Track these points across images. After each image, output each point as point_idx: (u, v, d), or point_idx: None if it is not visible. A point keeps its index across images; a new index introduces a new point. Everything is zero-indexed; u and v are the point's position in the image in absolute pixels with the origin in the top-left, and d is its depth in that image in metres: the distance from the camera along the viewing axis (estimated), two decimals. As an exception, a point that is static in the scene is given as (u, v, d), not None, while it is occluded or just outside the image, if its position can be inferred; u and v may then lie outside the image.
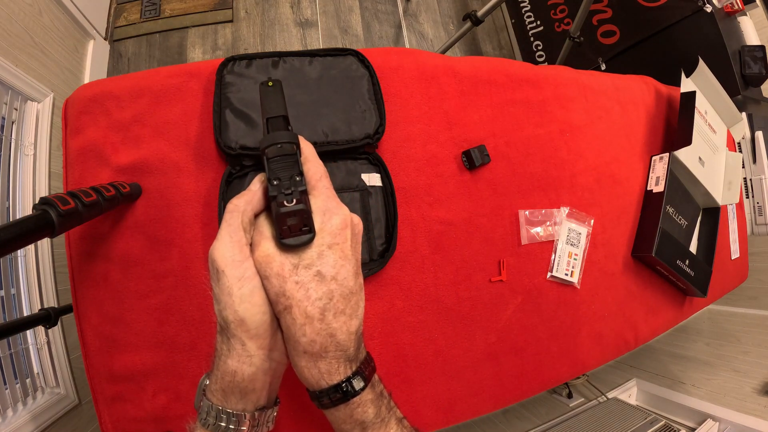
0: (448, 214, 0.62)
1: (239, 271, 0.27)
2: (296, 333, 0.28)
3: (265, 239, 0.28)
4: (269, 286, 0.27)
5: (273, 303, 0.28)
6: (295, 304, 0.27)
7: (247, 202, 0.29)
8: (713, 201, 0.94)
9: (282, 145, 0.30)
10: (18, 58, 1.00)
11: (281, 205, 0.28)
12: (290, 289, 0.27)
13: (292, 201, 0.28)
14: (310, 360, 0.28)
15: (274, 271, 0.27)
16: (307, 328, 0.27)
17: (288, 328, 0.28)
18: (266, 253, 0.28)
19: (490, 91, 0.69)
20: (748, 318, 1.35)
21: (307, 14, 1.71)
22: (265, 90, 0.34)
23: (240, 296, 0.26)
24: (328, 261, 0.28)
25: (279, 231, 0.28)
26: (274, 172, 0.29)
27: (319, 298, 0.28)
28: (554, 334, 0.69)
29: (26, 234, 0.32)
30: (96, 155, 0.50)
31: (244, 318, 0.27)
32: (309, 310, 0.27)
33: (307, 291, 0.27)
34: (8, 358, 0.86)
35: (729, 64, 1.22)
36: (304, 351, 0.28)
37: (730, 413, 0.96)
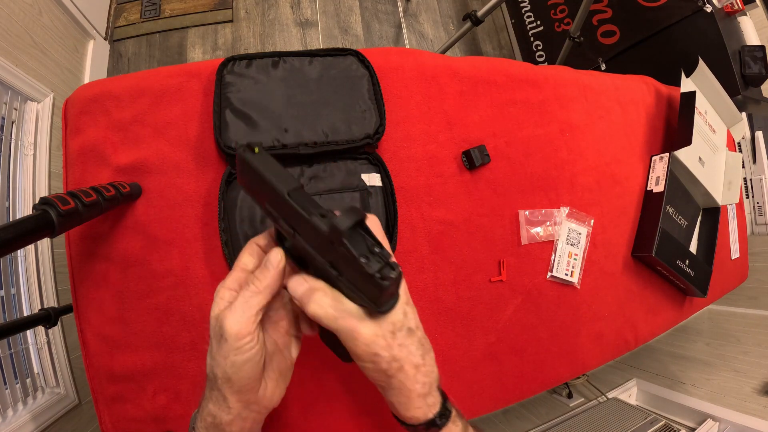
0: (448, 214, 0.62)
1: (240, 343, 0.29)
2: (412, 385, 0.32)
3: (358, 322, 0.30)
4: (379, 360, 0.31)
5: (386, 369, 0.31)
6: (405, 362, 0.31)
7: (268, 288, 0.30)
8: (713, 201, 0.94)
9: (357, 223, 0.29)
10: (18, 58, 1.00)
11: (386, 279, 0.28)
12: (397, 354, 0.31)
13: (392, 272, 0.28)
14: (422, 400, 0.33)
15: (382, 347, 0.30)
16: (419, 376, 0.32)
17: (402, 383, 0.32)
18: (368, 339, 0.30)
19: (490, 91, 0.69)
20: (748, 318, 1.35)
21: (307, 14, 1.71)
22: (257, 159, 0.30)
23: (233, 362, 0.29)
24: (410, 316, 0.33)
25: (379, 302, 0.30)
26: (359, 250, 0.28)
27: (417, 349, 0.32)
28: (554, 334, 0.69)
29: (26, 234, 0.32)
30: (96, 155, 0.50)
31: (231, 378, 0.30)
32: (415, 361, 0.32)
33: (408, 348, 0.32)
34: (8, 358, 0.86)
35: (729, 64, 1.22)
36: (419, 395, 0.33)
37: (730, 413, 0.96)
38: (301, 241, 0.30)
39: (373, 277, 0.28)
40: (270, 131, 0.52)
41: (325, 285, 0.31)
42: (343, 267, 0.30)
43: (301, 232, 0.30)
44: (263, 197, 0.31)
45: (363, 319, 0.30)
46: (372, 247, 0.29)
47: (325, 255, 0.30)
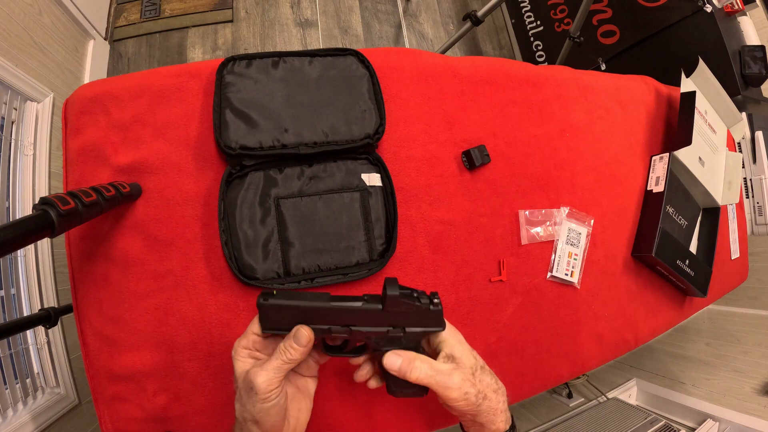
0: (448, 214, 0.62)
1: (267, 395, 0.35)
2: (496, 405, 0.41)
3: (448, 376, 0.39)
4: (469, 396, 0.40)
5: (474, 401, 0.40)
6: (487, 390, 0.41)
7: (297, 360, 0.37)
8: (713, 201, 0.94)
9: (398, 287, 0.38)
10: (18, 58, 1.00)
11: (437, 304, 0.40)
12: (480, 388, 0.41)
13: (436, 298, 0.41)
14: (503, 414, 0.42)
15: (469, 386, 0.40)
16: (498, 397, 0.42)
17: (489, 406, 0.41)
18: (459, 385, 0.39)
19: (490, 91, 0.69)
20: (748, 318, 1.35)
21: (307, 14, 1.71)
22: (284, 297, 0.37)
23: (260, 409, 0.35)
24: (478, 357, 0.43)
25: (442, 321, 0.41)
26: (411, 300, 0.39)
27: (491, 378, 0.43)
28: (554, 334, 0.69)
29: (26, 234, 0.32)
30: (96, 155, 0.50)
31: (259, 421, 0.36)
32: (493, 387, 0.42)
33: (485, 381, 0.42)
34: (8, 358, 0.86)
35: (729, 64, 1.22)
36: (501, 411, 0.42)
37: (730, 413, 0.96)
38: (358, 332, 0.38)
39: (429, 309, 0.39)
40: (270, 131, 0.52)
41: (416, 354, 0.40)
42: (402, 321, 0.39)
43: (356, 323, 0.38)
44: (306, 321, 0.37)
45: (451, 372, 0.40)
46: (412, 293, 0.39)
47: (384, 324, 0.39)
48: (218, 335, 0.50)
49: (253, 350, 0.38)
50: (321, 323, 0.37)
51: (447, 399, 0.39)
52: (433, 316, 0.40)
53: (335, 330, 0.38)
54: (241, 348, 0.38)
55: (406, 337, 0.40)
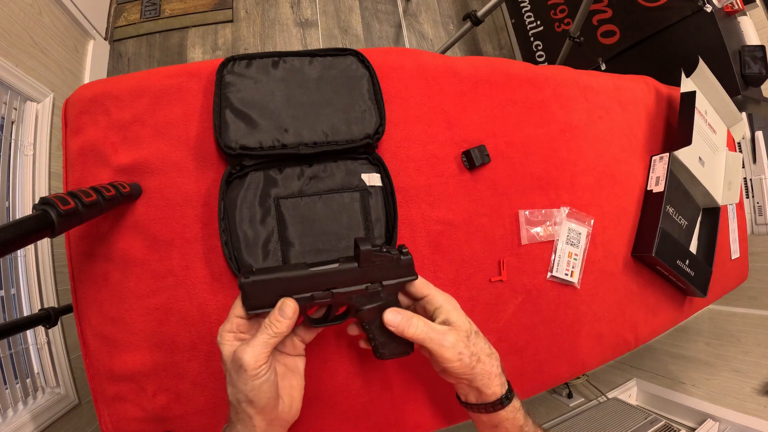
0: (448, 214, 0.62)
1: (256, 371, 0.35)
2: (490, 368, 0.43)
3: (443, 335, 0.41)
4: (463, 357, 0.41)
5: (468, 363, 0.41)
6: (481, 354, 0.43)
7: (283, 333, 0.37)
8: (713, 201, 0.94)
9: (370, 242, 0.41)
10: (18, 58, 1.00)
11: (407, 254, 0.43)
12: (474, 350, 0.42)
13: (404, 248, 0.44)
14: (498, 378, 0.43)
15: (463, 347, 0.41)
16: (492, 361, 0.44)
17: (483, 369, 0.42)
18: (453, 344, 0.41)
19: (490, 91, 0.69)
20: (748, 318, 1.35)
21: (307, 14, 1.71)
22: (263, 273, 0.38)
23: (252, 386, 0.35)
24: (473, 324, 0.45)
25: (414, 271, 0.43)
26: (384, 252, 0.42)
27: (485, 343, 0.45)
28: (554, 334, 0.69)
29: (26, 234, 0.32)
30: (96, 155, 0.50)
31: (253, 399, 0.36)
32: (487, 351, 0.44)
33: (479, 344, 0.43)
34: (8, 358, 0.86)
35: (729, 64, 1.22)
36: (496, 375, 0.43)
37: (730, 413, 0.96)
38: (340, 293, 0.40)
39: (400, 259, 0.42)
40: (270, 131, 0.52)
41: (414, 313, 0.42)
42: (378, 275, 0.41)
43: (337, 285, 0.39)
44: (288, 293, 0.38)
45: (446, 332, 0.41)
46: (382, 248, 0.41)
47: (362, 281, 0.40)
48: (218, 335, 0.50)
49: (237, 333, 0.38)
50: (303, 292, 0.38)
51: (442, 359, 0.41)
52: (405, 266, 0.42)
53: (318, 296, 0.39)
54: (225, 332, 0.38)
55: (385, 290, 0.42)
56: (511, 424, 0.44)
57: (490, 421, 0.44)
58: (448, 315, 0.43)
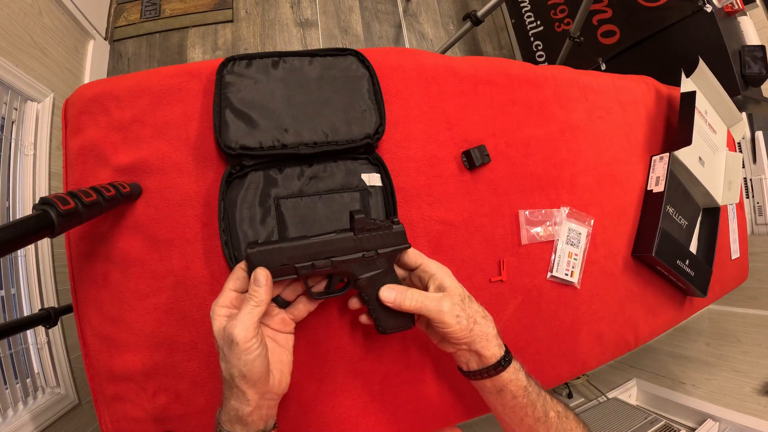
0: (448, 214, 0.62)
1: (248, 345, 0.36)
2: (487, 329, 0.45)
3: (439, 302, 0.42)
4: (460, 319, 0.43)
5: (466, 325, 0.43)
6: (477, 316, 0.44)
7: (264, 301, 0.38)
8: (713, 201, 0.94)
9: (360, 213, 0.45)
10: (18, 58, 1.00)
11: (398, 223, 0.46)
12: (470, 313, 0.44)
13: (395, 218, 0.48)
14: (496, 340, 0.45)
15: (460, 310, 0.43)
16: (488, 323, 0.45)
17: (481, 329, 0.44)
18: (450, 308, 0.42)
19: (490, 91, 0.69)
20: (748, 318, 1.35)
21: (307, 14, 1.71)
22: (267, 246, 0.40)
23: (245, 361, 0.36)
24: (465, 290, 0.46)
25: (406, 239, 0.46)
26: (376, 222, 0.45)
27: (479, 307, 0.46)
28: (554, 334, 0.69)
29: (26, 234, 0.32)
30: (96, 155, 0.50)
31: (246, 374, 0.36)
32: (482, 314, 0.46)
33: (474, 307, 0.45)
34: (8, 358, 0.86)
35: (729, 64, 1.22)
36: (494, 336, 0.45)
37: (730, 413, 0.96)
38: (339, 261, 0.42)
39: (392, 228, 0.45)
40: (270, 131, 0.52)
41: (407, 287, 0.44)
42: (373, 244, 0.44)
43: (335, 253, 0.42)
44: (291, 264, 0.41)
45: (441, 298, 0.43)
46: (375, 219, 0.45)
47: (358, 249, 0.43)
48: (218, 335, 0.50)
49: (231, 307, 0.39)
50: (304, 261, 0.41)
51: (441, 324, 0.42)
52: (397, 235, 0.45)
53: (319, 264, 0.42)
54: (218, 307, 0.39)
55: (381, 258, 0.44)
56: (515, 385, 0.45)
57: (494, 386, 0.45)
58: (442, 281, 0.44)
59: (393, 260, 0.45)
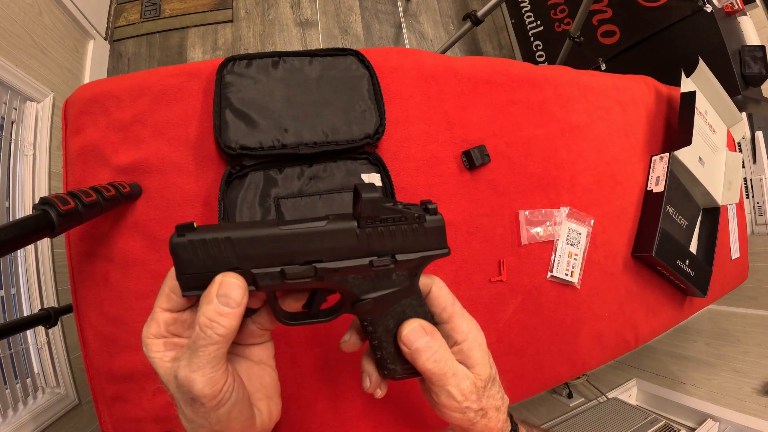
0: (448, 214, 0.62)
1: (217, 400, 0.25)
2: (494, 425, 0.33)
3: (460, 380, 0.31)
4: (468, 411, 0.31)
5: (472, 418, 0.32)
6: (489, 409, 0.33)
7: (232, 332, 0.25)
8: (713, 201, 0.94)
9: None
10: (18, 58, 1.00)
11: (433, 211, 0.29)
12: (485, 404, 0.32)
13: (431, 204, 0.30)
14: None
15: (473, 401, 0.31)
16: (499, 416, 0.34)
17: (485, 425, 0.32)
18: (465, 394, 0.31)
19: (490, 91, 0.69)
20: (748, 318, 1.35)
21: (307, 14, 1.71)
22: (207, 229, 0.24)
23: (218, 418, 0.25)
24: (494, 365, 0.34)
25: (444, 241, 0.29)
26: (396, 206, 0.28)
27: (498, 392, 0.34)
28: (554, 334, 0.69)
29: (26, 234, 0.32)
30: (96, 155, 0.50)
31: (222, 431, 0.26)
32: (497, 405, 0.33)
33: (494, 396, 0.33)
34: (8, 358, 0.86)
35: (729, 64, 1.22)
36: (498, 429, 0.33)
37: (730, 413, 0.96)
38: (328, 271, 0.26)
39: (424, 219, 0.26)
40: (270, 131, 0.52)
41: (440, 336, 0.31)
42: (388, 245, 0.26)
43: (323, 256, 0.25)
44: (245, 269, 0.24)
45: (464, 377, 0.31)
46: (396, 205, 0.26)
47: (363, 252, 0.26)
48: (218, 335, 0.50)
49: (170, 336, 0.26)
50: (269, 264, 0.24)
51: (441, 404, 0.31)
52: (432, 233, 0.27)
53: (292, 273, 0.24)
54: (151, 338, 0.26)
55: (399, 268, 0.27)
56: None
57: None
58: (470, 353, 0.32)
59: (419, 274, 0.29)
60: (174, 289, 0.26)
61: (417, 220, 0.27)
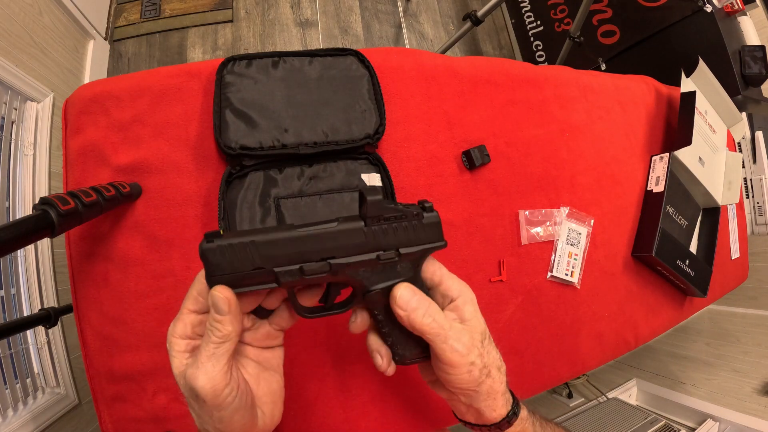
0: (448, 214, 0.62)
1: (219, 400, 0.26)
2: (498, 386, 0.34)
3: (456, 333, 0.32)
4: (473, 368, 0.32)
5: (477, 377, 0.32)
6: (492, 366, 0.34)
7: (234, 332, 0.27)
8: (713, 201, 0.94)
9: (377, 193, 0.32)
10: (18, 58, 1.00)
11: (430, 209, 0.34)
12: (487, 361, 0.33)
13: (427, 202, 0.34)
14: (503, 397, 0.35)
15: (477, 355, 0.32)
16: (501, 376, 0.34)
17: (491, 386, 0.33)
18: (466, 349, 0.32)
19: (490, 91, 0.69)
20: (748, 318, 1.35)
21: (307, 14, 1.71)
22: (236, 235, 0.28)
23: (220, 418, 0.27)
24: (482, 318, 0.34)
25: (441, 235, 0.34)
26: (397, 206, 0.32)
27: (497, 352, 0.35)
28: (554, 334, 0.69)
29: (26, 234, 0.32)
30: (96, 155, 0.50)
31: (223, 431, 0.28)
32: (498, 364, 0.34)
33: (492, 354, 0.34)
34: (8, 358, 0.86)
35: (729, 64, 1.22)
36: (502, 394, 0.34)
37: (730, 413, 0.96)
38: (341, 265, 0.29)
39: (422, 216, 0.32)
40: (270, 131, 0.52)
41: (431, 300, 0.32)
42: (392, 240, 0.31)
43: (336, 253, 0.29)
44: (268, 268, 0.28)
45: (461, 331, 0.32)
46: (397, 206, 0.32)
47: (370, 247, 0.30)
48: (218, 335, 0.50)
49: (194, 337, 0.29)
50: (289, 263, 0.28)
51: (447, 364, 0.31)
52: (429, 228, 0.32)
53: (309, 269, 0.28)
54: (176, 338, 0.29)
55: (403, 261, 0.31)
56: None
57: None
58: (463, 309, 0.33)
59: (420, 264, 0.33)
60: (201, 291, 0.28)
61: (416, 217, 0.32)
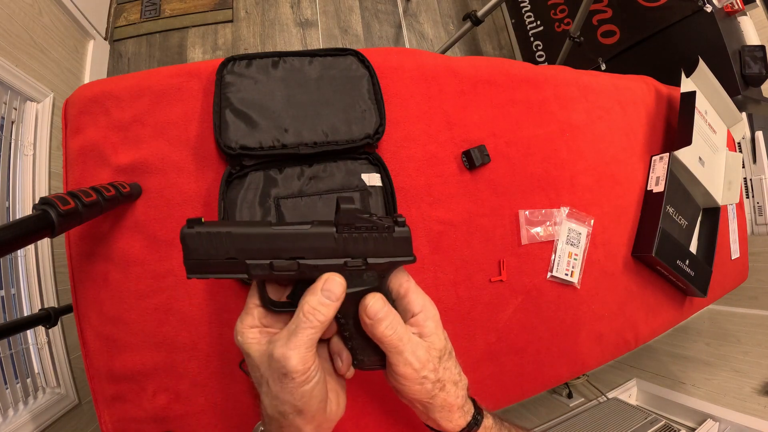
0: (448, 214, 0.62)
1: (306, 376, 0.29)
2: (453, 400, 0.35)
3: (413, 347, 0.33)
4: (426, 382, 0.33)
5: (430, 390, 0.34)
6: (447, 381, 0.35)
7: (328, 321, 0.30)
8: (713, 201, 0.94)
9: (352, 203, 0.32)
10: (18, 58, 1.00)
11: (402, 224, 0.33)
12: (441, 375, 0.34)
13: (400, 217, 0.34)
14: (461, 410, 0.36)
15: (430, 370, 0.33)
16: (458, 391, 0.36)
17: (445, 400, 0.35)
18: (421, 364, 0.33)
19: (490, 91, 0.69)
20: (748, 318, 1.35)
21: (307, 14, 1.71)
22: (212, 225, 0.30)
23: (302, 394, 0.29)
24: (448, 340, 0.36)
25: (410, 249, 0.34)
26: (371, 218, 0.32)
27: (455, 367, 0.36)
28: (554, 334, 0.69)
29: (26, 234, 0.32)
30: (96, 155, 0.50)
31: (303, 409, 0.30)
32: (454, 379, 0.36)
33: (450, 369, 0.36)
34: (8, 358, 0.86)
35: (729, 64, 1.22)
36: (458, 407, 0.36)
37: (730, 413, 0.96)
38: (308, 266, 0.31)
39: (393, 230, 0.32)
40: (270, 131, 0.52)
41: (395, 311, 0.33)
42: (362, 249, 0.32)
43: (306, 254, 0.31)
44: (240, 260, 0.29)
45: (418, 345, 0.33)
46: (371, 217, 0.32)
47: (339, 254, 0.31)
48: (218, 335, 0.50)
49: (262, 327, 0.32)
50: (260, 257, 0.30)
51: (401, 375, 0.33)
52: (399, 242, 0.32)
53: (279, 266, 0.30)
54: (247, 329, 0.32)
55: (370, 270, 0.32)
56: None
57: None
58: (424, 324, 0.34)
59: (387, 276, 0.34)
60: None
61: (387, 230, 0.32)
